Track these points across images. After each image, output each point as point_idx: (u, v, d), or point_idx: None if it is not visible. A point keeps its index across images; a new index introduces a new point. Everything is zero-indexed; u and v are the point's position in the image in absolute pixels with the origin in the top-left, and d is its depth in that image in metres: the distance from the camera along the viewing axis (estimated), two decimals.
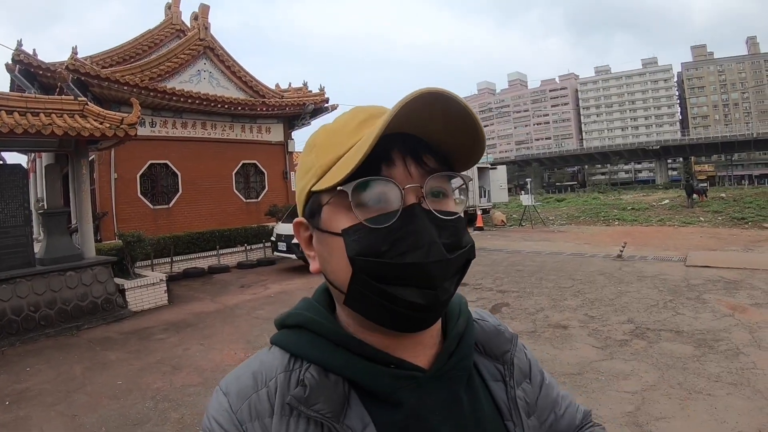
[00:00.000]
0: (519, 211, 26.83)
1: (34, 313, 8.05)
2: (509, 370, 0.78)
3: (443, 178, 0.66)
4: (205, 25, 15.78)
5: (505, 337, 0.82)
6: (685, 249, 13.06)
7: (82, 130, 8.63)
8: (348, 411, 0.63)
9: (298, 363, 0.68)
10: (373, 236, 0.60)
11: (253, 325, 7.87)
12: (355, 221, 0.61)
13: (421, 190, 0.62)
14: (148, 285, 9.81)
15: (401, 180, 0.62)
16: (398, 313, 0.61)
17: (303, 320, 0.71)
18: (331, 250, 0.64)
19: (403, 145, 0.63)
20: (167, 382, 5.55)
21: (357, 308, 0.65)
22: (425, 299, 0.60)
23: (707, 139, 78.11)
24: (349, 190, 0.60)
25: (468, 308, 0.80)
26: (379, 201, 0.61)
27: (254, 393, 0.65)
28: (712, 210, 22.79)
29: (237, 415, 0.64)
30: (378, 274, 0.59)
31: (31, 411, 4.92)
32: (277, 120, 17.77)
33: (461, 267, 0.66)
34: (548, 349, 5.84)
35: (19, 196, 8.65)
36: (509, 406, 0.74)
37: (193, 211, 15.18)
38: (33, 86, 12.70)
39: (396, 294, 0.59)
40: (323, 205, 0.65)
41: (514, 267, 11.74)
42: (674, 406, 4.15)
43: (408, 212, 0.60)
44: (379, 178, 0.61)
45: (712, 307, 7.20)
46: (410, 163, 0.63)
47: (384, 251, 0.59)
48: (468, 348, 0.73)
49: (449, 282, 0.63)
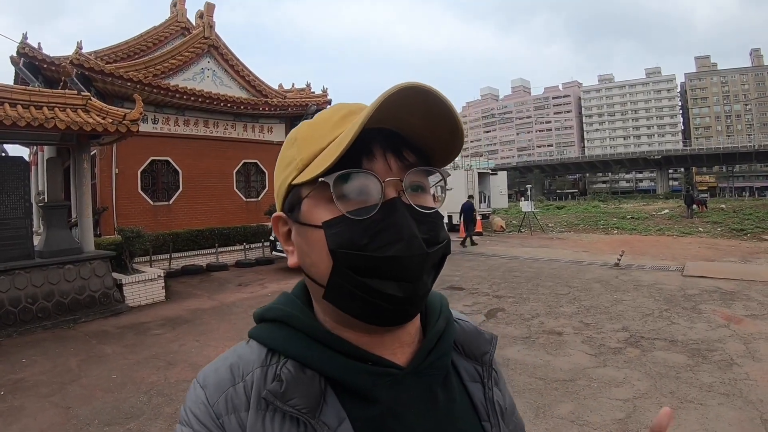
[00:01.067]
0: (518, 217, 26.84)
1: (31, 305, 8.07)
2: (487, 371, 0.79)
3: (422, 173, 0.66)
4: (210, 23, 15.84)
5: (484, 338, 0.82)
6: (683, 259, 13.07)
7: (84, 124, 8.67)
8: (324, 407, 0.63)
9: (275, 357, 0.67)
10: (353, 228, 0.60)
11: (249, 323, 7.63)
12: (335, 213, 0.61)
13: (400, 184, 0.63)
14: (146, 281, 9.83)
15: (381, 173, 0.62)
16: (377, 306, 0.61)
17: (281, 315, 0.71)
18: (311, 243, 0.64)
19: (383, 139, 0.63)
20: (162, 377, 5.57)
21: (336, 302, 0.65)
22: (404, 292, 0.61)
23: (709, 150, 77.96)
24: (330, 182, 0.60)
25: (449, 308, 0.80)
26: (360, 193, 0.61)
27: (231, 387, 0.65)
28: (712, 221, 22.77)
29: (213, 408, 0.64)
30: (359, 266, 0.60)
31: (26, 401, 4.94)
32: (279, 120, 17.81)
33: (438, 262, 0.67)
34: (542, 355, 5.85)
35: (20, 188, 8.67)
36: (486, 407, 0.74)
37: (192, 209, 15.22)
38: (37, 79, 12.74)
39: (375, 287, 0.60)
40: (303, 198, 0.66)
41: (512, 273, 11.75)
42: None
43: (388, 205, 0.61)
44: (360, 171, 0.61)
45: (707, 317, 7.21)
46: (390, 157, 0.64)
47: (365, 244, 0.59)
48: (447, 346, 0.73)
49: (427, 276, 0.64)
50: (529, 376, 5.18)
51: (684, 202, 27.32)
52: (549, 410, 4.36)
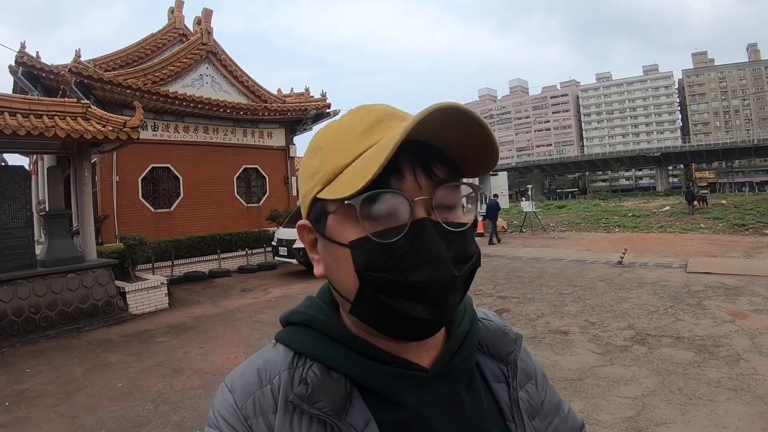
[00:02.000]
0: (520, 218, 26.79)
1: (34, 314, 8.05)
2: (512, 371, 0.78)
3: (453, 188, 0.64)
4: (207, 29, 15.83)
5: (509, 337, 0.82)
6: (685, 255, 13.03)
7: (84, 132, 8.66)
8: (350, 409, 0.63)
9: (301, 360, 0.68)
10: (381, 251, 0.58)
11: (253, 328, 7.86)
12: (362, 234, 0.59)
13: (430, 202, 0.61)
14: (149, 288, 9.81)
15: (411, 193, 0.60)
16: (403, 326, 0.61)
17: (307, 318, 0.72)
18: (338, 261, 0.63)
19: (413, 154, 0.60)
20: (167, 385, 5.54)
21: (362, 317, 0.64)
22: (431, 315, 0.60)
23: (708, 146, 78.19)
24: (357, 204, 0.58)
25: (473, 308, 0.79)
26: (388, 215, 0.59)
27: (258, 389, 0.66)
28: (713, 217, 22.73)
29: (241, 411, 0.65)
30: (385, 289, 0.59)
31: (32, 412, 4.92)
32: (279, 125, 17.82)
33: (468, 279, 0.66)
34: (549, 354, 5.83)
35: (20, 197, 8.66)
36: (511, 407, 0.74)
37: (194, 215, 15.20)
38: (36, 88, 12.74)
39: (402, 309, 0.59)
40: (329, 213, 0.64)
41: (515, 273, 11.72)
42: (674, 412, 4.14)
43: (417, 226, 0.59)
44: (388, 191, 0.59)
45: (712, 313, 7.18)
46: (420, 175, 0.61)
47: (392, 266, 0.58)
48: (471, 348, 0.73)
49: (455, 295, 0.63)
50: None
51: (685, 198, 27.31)
52: None
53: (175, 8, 16.89)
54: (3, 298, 7.88)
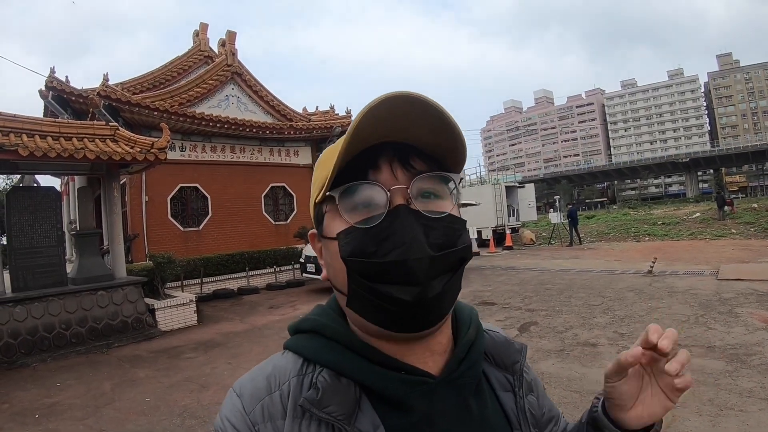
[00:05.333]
0: (548, 230, 26.46)
1: (65, 330, 8.18)
2: (518, 380, 0.80)
3: (433, 180, 0.67)
4: (232, 50, 16.12)
5: (514, 347, 0.83)
6: (716, 262, 12.69)
7: (113, 154, 8.83)
8: (359, 414, 0.64)
9: (311, 367, 0.69)
10: (362, 237, 0.63)
11: (281, 345, 7.78)
12: (346, 225, 0.64)
13: (407, 192, 0.64)
14: (178, 305, 9.89)
15: (387, 183, 0.64)
16: (390, 311, 0.63)
17: (317, 326, 0.73)
18: (332, 254, 0.68)
19: (390, 151, 0.66)
20: (195, 400, 5.53)
21: (356, 309, 0.67)
22: (411, 296, 0.61)
23: (737, 149, 76.06)
24: (336, 195, 0.65)
25: (478, 319, 0.81)
26: (367, 204, 0.64)
27: (267, 395, 0.67)
28: (744, 221, 22.28)
29: (250, 416, 0.65)
30: (367, 272, 0.62)
31: (60, 425, 4.95)
32: (305, 143, 17.95)
33: (452, 266, 0.66)
34: (577, 367, 5.67)
35: (51, 217, 8.87)
36: (518, 415, 0.75)
37: (222, 233, 15.32)
38: (66, 112, 13.09)
39: (384, 291, 0.61)
40: (324, 213, 0.70)
41: (543, 285, 11.53)
42: (705, 423, 3.96)
43: (394, 213, 0.63)
44: (364, 182, 0.64)
45: (744, 320, 6.94)
46: (396, 167, 0.66)
47: (372, 251, 0.62)
48: (478, 355, 0.75)
49: (437, 280, 0.63)
50: (564, 390, 5.02)
51: (716, 203, 26.70)
52: None
53: (200, 31, 17.25)
54: (35, 314, 8.03)
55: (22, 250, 8.49)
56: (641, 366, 0.68)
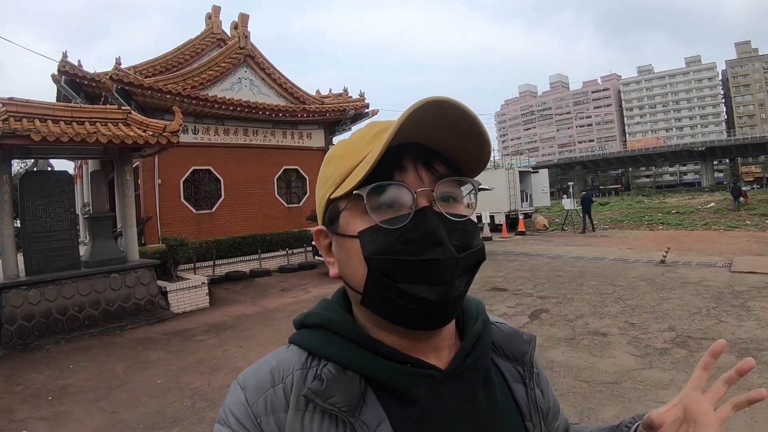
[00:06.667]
0: (561, 216, 26.26)
1: (78, 313, 8.26)
2: (528, 371, 0.80)
3: (453, 183, 0.69)
4: (244, 33, 16.03)
5: (523, 339, 0.84)
6: (730, 254, 12.51)
7: (125, 137, 8.84)
8: (364, 406, 0.64)
9: (315, 361, 0.69)
10: (387, 237, 0.63)
11: (292, 328, 7.81)
12: (370, 223, 0.64)
13: (432, 194, 0.65)
14: (190, 288, 9.95)
15: (413, 185, 0.65)
16: (412, 310, 0.63)
17: (322, 320, 0.73)
18: (349, 253, 0.67)
19: (415, 153, 0.67)
20: (205, 382, 5.57)
21: (373, 308, 0.67)
22: (437, 295, 0.62)
23: (754, 139, 74.72)
24: (364, 194, 0.64)
25: (485, 312, 0.82)
26: (392, 204, 0.64)
27: (271, 388, 0.67)
28: (759, 213, 21.92)
29: (252, 409, 0.65)
30: (392, 271, 0.63)
31: (73, 406, 5.02)
32: (318, 126, 17.89)
33: (471, 267, 0.68)
34: (586, 356, 5.63)
35: (65, 201, 8.92)
36: (530, 406, 0.76)
37: (235, 216, 15.39)
38: (78, 96, 13.12)
39: (408, 291, 0.62)
40: (341, 211, 0.69)
41: (555, 272, 11.45)
42: None
43: (420, 214, 0.64)
44: (392, 183, 0.64)
45: (756, 314, 6.82)
46: (421, 170, 0.67)
47: (398, 251, 0.62)
48: (485, 348, 0.75)
49: (459, 280, 0.65)
50: (573, 379, 4.99)
51: (731, 194, 26.32)
52: (593, 414, 4.18)
53: (212, 14, 17.14)
54: (48, 297, 8.11)
55: (36, 233, 8.55)
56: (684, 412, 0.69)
